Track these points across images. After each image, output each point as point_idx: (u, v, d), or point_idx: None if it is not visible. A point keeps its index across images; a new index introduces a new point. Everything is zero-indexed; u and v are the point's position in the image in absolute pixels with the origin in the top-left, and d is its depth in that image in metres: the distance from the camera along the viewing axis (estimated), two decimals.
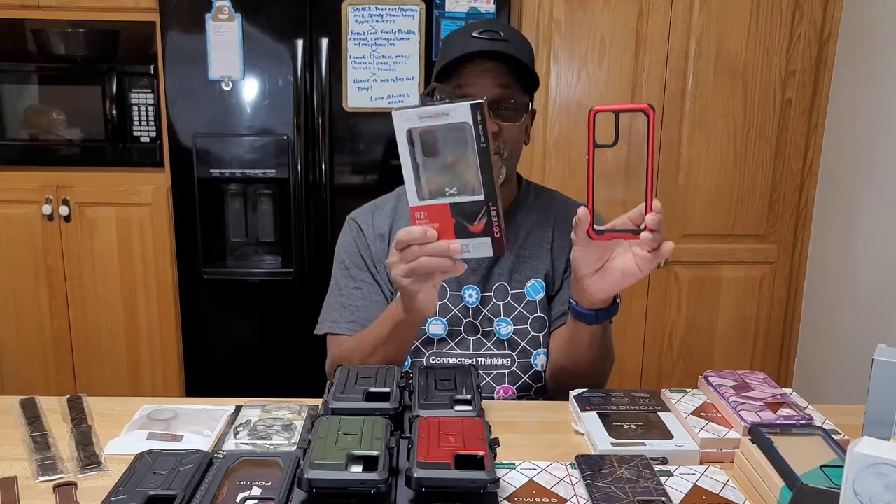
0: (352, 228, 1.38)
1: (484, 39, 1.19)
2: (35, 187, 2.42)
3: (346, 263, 1.36)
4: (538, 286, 1.31)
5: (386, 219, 1.36)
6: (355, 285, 1.34)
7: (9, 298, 2.50)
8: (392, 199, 1.39)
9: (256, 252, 2.46)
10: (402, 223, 1.35)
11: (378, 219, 1.36)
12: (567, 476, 0.92)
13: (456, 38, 1.24)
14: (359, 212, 1.40)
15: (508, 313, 1.31)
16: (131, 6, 2.32)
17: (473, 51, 1.17)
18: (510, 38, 1.21)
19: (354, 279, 1.34)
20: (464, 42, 1.20)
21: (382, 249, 1.34)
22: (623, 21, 2.34)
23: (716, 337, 2.55)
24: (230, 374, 2.50)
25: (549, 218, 1.35)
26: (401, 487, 0.85)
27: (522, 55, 1.21)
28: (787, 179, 2.45)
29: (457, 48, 1.20)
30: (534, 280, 1.31)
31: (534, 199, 1.37)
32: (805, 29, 2.35)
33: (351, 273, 1.35)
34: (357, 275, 1.34)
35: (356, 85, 2.30)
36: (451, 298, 1.31)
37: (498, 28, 1.22)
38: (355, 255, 1.35)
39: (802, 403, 1.07)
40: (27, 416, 1.08)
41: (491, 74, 1.19)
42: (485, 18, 1.33)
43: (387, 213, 1.37)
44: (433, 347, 1.31)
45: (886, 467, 0.67)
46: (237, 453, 0.93)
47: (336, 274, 1.38)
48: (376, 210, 1.38)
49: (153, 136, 2.42)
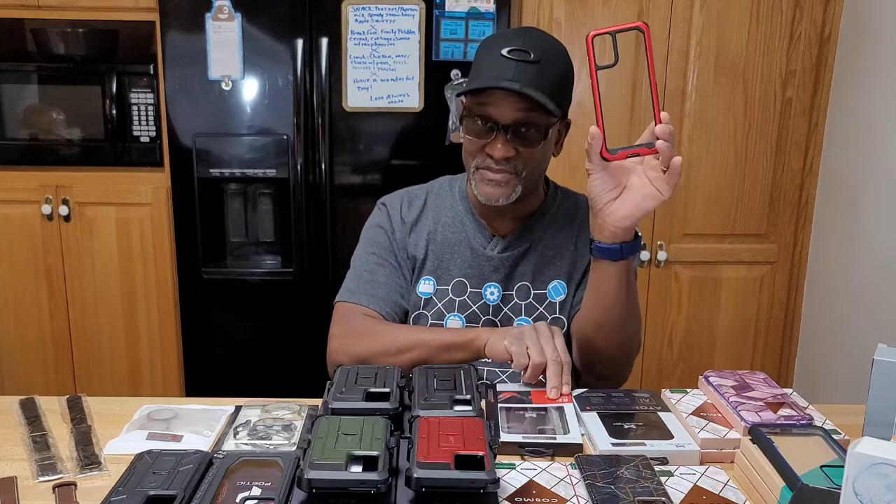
0: (382, 212, 1.40)
1: (512, 61, 1.16)
2: (35, 187, 2.42)
3: (372, 242, 1.37)
4: (560, 287, 1.32)
5: (415, 210, 1.37)
6: (379, 262, 1.35)
7: (9, 298, 2.50)
8: (423, 192, 1.40)
9: (256, 252, 2.46)
10: (428, 217, 1.36)
11: (407, 208, 1.38)
12: (567, 476, 0.92)
13: (488, 52, 1.21)
14: (390, 197, 1.42)
15: (529, 313, 1.31)
16: (131, 6, 2.32)
17: (490, 85, 1.16)
18: (541, 56, 1.17)
19: (378, 257, 1.35)
20: (493, 60, 1.18)
21: (406, 237, 1.36)
22: (623, 21, 2.33)
23: (716, 337, 2.55)
24: (230, 374, 2.50)
25: (574, 220, 1.35)
26: (401, 487, 0.85)
27: (549, 81, 1.18)
28: (788, 179, 2.45)
29: (486, 67, 1.19)
30: (556, 281, 1.32)
31: (560, 204, 1.36)
32: (805, 29, 2.35)
33: (376, 251, 1.36)
34: (381, 253, 1.35)
35: (356, 85, 2.30)
36: (470, 295, 1.32)
37: (529, 44, 1.18)
38: (382, 237, 1.37)
39: (802, 403, 1.07)
40: (27, 416, 1.08)
41: (511, 101, 1.17)
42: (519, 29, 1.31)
43: (417, 205, 1.38)
44: None
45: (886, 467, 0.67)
46: (237, 453, 0.93)
47: (360, 251, 1.39)
48: (408, 199, 1.39)
49: (153, 135, 2.42)
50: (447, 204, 1.37)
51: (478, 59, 1.24)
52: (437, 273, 1.33)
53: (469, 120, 1.22)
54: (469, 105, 1.22)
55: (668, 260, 2.47)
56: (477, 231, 1.33)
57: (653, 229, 2.45)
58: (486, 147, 1.21)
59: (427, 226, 1.36)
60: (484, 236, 1.33)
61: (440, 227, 1.35)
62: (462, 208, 1.35)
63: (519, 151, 1.20)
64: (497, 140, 1.19)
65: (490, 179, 1.23)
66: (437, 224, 1.35)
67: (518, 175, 1.22)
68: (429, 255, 1.34)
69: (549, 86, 1.19)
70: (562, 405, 1.08)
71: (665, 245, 2.46)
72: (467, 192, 1.35)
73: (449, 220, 1.35)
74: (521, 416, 1.05)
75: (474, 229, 1.33)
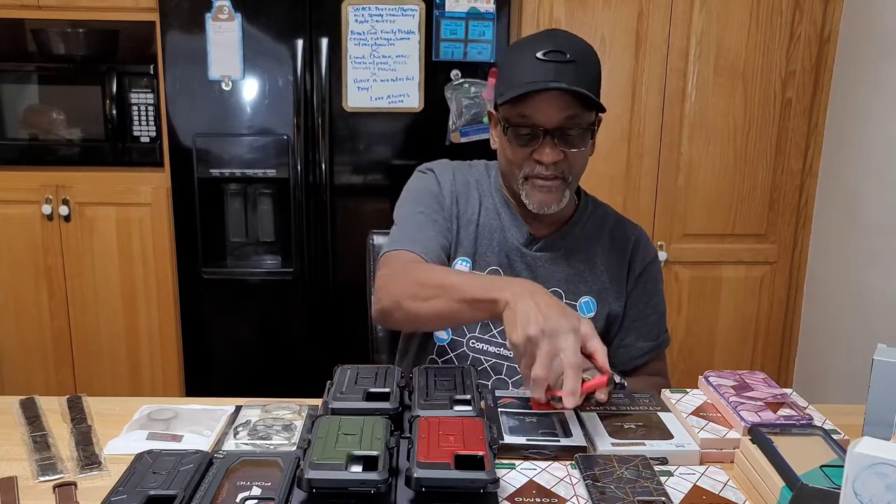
0: (429, 177, 1.36)
1: (549, 62, 1.16)
2: (35, 187, 2.42)
3: (421, 202, 1.32)
4: (591, 304, 1.31)
5: (462, 184, 1.34)
6: (427, 220, 1.30)
7: (9, 298, 2.50)
8: (468, 169, 1.37)
9: (256, 252, 2.46)
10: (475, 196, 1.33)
11: (453, 179, 1.34)
12: (567, 476, 0.92)
13: (519, 59, 1.20)
14: (437, 165, 1.38)
15: None
16: (131, 6, 2.32)
17: (537, 89, 1.14)
18: (576, 56, 1.17)
19: (426, 216, 1.30)
20: (528, 65, 1.17)
21: (454, 205, 1.32)
22: (623, 21, 2.34)
23: (716, 337, 2.55)
24: (230, 374, 2.50)
25: (602, 234, 1.35)
26: (401, 487, 0.85)
27: (588, 79, 1.18)
28: (787, 179, 2.45)
29: (521, 73, 1.18)
30: (588, 297, 1.31)
31: (592, 212, 1.36)
32: (805, 29, 2.35)
33: (424, 211, 1.31)
34: (429, 213, 1.30)
35: (356, 85, 2.30)
36: None
37: (564, 45, 1.18)
38: (430, 199, 1.32)
39: (802, 403, 1.07)
40: (27, 416, 1.08)
41: (556, 103, 1.16)
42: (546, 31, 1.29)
43: (463, 181, 1.35)
44: (476, 331, 1.30)
45: (886, 467, 0.67)
46: (237, 453, 0.93)
47: (406, 210, 1.33)
48: (456, 171, 1.36)
49: (153, 135, 2.42)
50: (487, 191, 1.35)
51: (508, 67, 1.22)
52: (475, 257, 1.31)
53: (511, 130, 1.20)
54: (507, 115, 1.21)
55: (668, 260, 2.47)
56: (513, 225, 1.32)
57: (653, 229, 2.45)
58: (533, 154, 1.20)
59: (473, 205, 1.33)
60: (521, 232, 1.31)
61: (483, 210, 1.33)
62: (498, 200, 1.34)
63: (566, 154, 1.20)
64: (545, 145, 1.19)
65: (542, 187, 1.22)
66: (480, 207, 1.33)
67: (565, 180, 1.22)
68: (468, 235, 1.31)
69: (590, 82, 1.19)
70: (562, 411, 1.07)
71: (665, 245, 2.46)
72: (500, 185, 1.34)
73: (490, 207, 1.33)
74: (522, 419, 1.05)
75: (511, 223, 1.32)
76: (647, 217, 2.43)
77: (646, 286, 1.36)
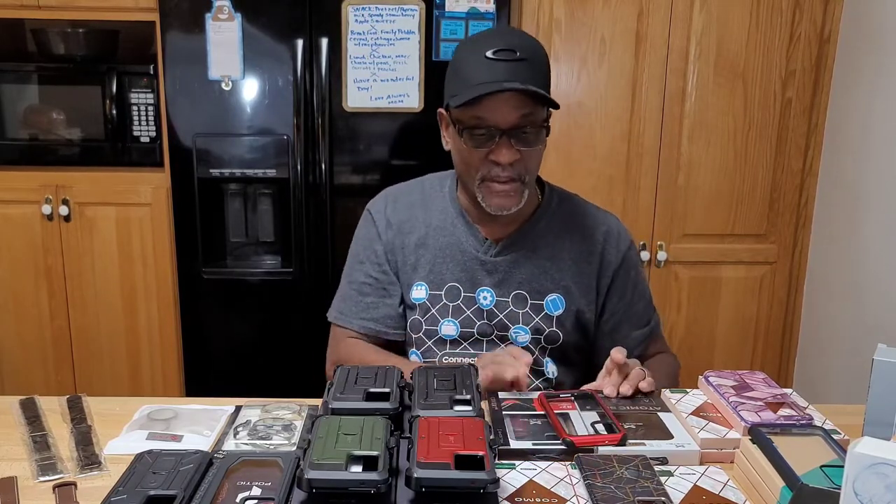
0: (366, 220, 1.37)
1: (500, 62, 1.15)
2: (35, 187, 2.42)
3: (361, 257, 1.35)
4: (559, 301, 1.30)
5: (402, 209, 1.34)
6: (368, 280, 1.33)
7: (9, 298, 2.50)
8: (411, 190, 1.37)
9: (256, 252, 2.46)
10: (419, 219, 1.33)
11: (392, 209, 1.35)
12: (567, 476, 0.92)
13: (468, 59, 1.19)
14: (374, 202, 1.39)
15: (527, 322, 1.30)
16: (131, 6, 2.32)
17: (492, 91, 1.13)
18: (526, 54, 1.17)
19: (367, 275, 1.33)
20: (479, 65, 1.16)
21: (394, 238, 1.33)
22: (623, 21, 2.34)
23: (716, 337, 2.55)
24: (230, 374, 2.50)
25: (570, 229, 1.33)
26: (401, 487, 0.85)
27: (539, 76, 1.18)
28: (787, 179, 2.45)
29: (473, 74, 1.17)
30: (555, 294, 1.30)
31: (556, 207, 1.34)
32: (805, 29, 2.35)
33: (364, 268, 1.34)
34: (370, 270, 1.33)
35: (356, 85, 2.30)
36: (464, 300, 1.30)
37: (513, 43, 1.17)
38: (368, 249, 1.34)
39: (802, 403, 1.07)
40: (27, 416, 1.08)
41: (510, 103, 1.16)
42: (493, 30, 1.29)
43: (405, 203, 1.35)
44: (446, 348, 1.31)
45: (886, 467, 0.67)
46: (237, 453, 0.93)
47: (349, 266, 1.38)
48: (392, 199, 1.37)
49: (153, 135, 2.42)
50: (437, 206, 1.34)
51: (459, 68, 1.21)
52: (430, 278, 1.31)
53: (466, 132, 1.19)
54: (460, 117, 1.19)
55: (668, 260, 2.47)
56: (469, 234, 1.31)
57: (653, 229, 2.45)
58: (489, 155, 1.19)
59: (418, 229, 1.33)
60: (477, 239, 1.30)
61: (432, 231, 1.32)
62: (453, 211, 1.33)
63: (521, 153, 1.19)
64: (501, 146, 1.18)
65: (499, 191, 1.21)
66: (428, 228, 1.32)
67: (522, 180, 1.22)
68: (421, 260, 1.32)
69: (542, 79, 1.19)
70: (566, 411, 1.07)
71: (665, 245, 2.46)
72: (457, 195, 1.33)
73: (440, 224, 1.32)
74: (526, 422, 1.05)
75: (466, 232, 1.31)
76: (647, 217, 2.44)
77: (628, 275, 1.34)
